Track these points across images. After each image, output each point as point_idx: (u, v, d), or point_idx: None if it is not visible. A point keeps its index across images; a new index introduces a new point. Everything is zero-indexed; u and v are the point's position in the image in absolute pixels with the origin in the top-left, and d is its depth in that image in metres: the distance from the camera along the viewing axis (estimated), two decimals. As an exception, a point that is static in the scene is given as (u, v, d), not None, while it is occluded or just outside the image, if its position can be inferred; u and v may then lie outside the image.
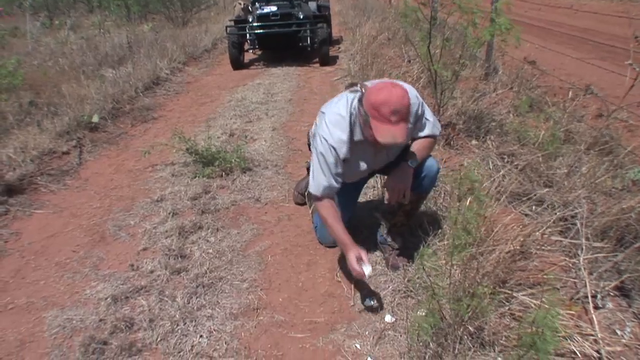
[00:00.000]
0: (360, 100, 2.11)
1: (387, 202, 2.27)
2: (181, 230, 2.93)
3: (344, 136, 2.19)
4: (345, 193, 2.63)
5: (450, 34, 4.37)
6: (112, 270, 2.62)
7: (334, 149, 2.18)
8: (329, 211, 2.28)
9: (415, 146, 2.36)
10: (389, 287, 2.40)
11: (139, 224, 3.11)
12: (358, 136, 2.21)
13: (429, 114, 2.37)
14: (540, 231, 2.37)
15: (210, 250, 2.76)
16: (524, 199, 2.99)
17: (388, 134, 1.95)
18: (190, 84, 7.16)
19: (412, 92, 2.25)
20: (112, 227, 3.09)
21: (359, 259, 2.13)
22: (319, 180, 2.25)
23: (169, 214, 3.16)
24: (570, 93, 4.70)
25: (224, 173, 3.71)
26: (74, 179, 3.87)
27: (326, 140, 2.19)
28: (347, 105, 2.21)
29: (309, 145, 2.74)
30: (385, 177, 2.99)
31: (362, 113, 2.07)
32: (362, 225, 2.90)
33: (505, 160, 3.56)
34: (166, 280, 2.49)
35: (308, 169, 3.03)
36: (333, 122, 2.21)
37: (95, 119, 4.82)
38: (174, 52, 8.06)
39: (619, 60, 7.46)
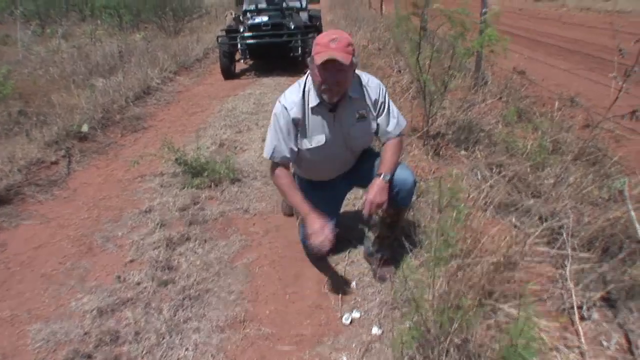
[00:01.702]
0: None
1: (364, 216, 2.29)
2: (169, 242, 2.92)
3: (297, 98, 2.36)
4: (326, 203, 2.64)
5: (440, 44, 4.39)
6: (99, 282, 2.60)
7: (286, 108, 2.35)
8: (284, 180, 2.42)
9: (386, 155, 2.41)
10: (376, 299, 2.40)
11: (126, 235, 3.09)
12: (312, 102, 2.34)
13: (393, 108, 2.47)
14: (526, 241, 2.37)
15: (198, 262, 2.75)
16: (512, 209, 3.01)
17: (326, 54, 2.12)
18: (181, 93, 7.16)
19: (376, 80, 2.45)
20: (100, 238, 3.07)
21: (321, 228, 2.27)
22: (269, 141, 2.42)
23: (157, 225, 3.14)
24: (557, 103, 4.74)
25: (212, 184, 3.70)
26: (62, 189, 3.85)
27: (279, 102, 2.39)
28: (303, 78, 2.42)
29: None
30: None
31: (309, 62, 2.28)
32: (350, 236, 2.90)
33: (494, 170, 3.58)
34: (153, 292, 2.48)
35: None
36: (289, 89, 2.43)
37: (84, 128, 4.80)
38: (165, 62, 8.06)
39: (607, 70, 7.53)
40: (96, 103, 5.46)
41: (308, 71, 2.39)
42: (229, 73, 8.05)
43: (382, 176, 2.30)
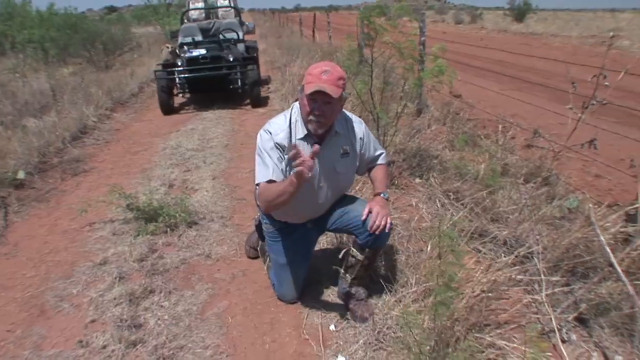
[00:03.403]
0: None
1: (370, 230, 2.29)
2: (131, 297, 2.74)
3: (284, 126, 2.31)
4: (297, 248, 2.62)
5: (386, 75, 4.48)
6: (58, 350, 2.38)
7: (270, 132, 2.29)
8: (271, 188, 2.22)
9: (378, 177, 2.52)
10: (359, 340, 2.34)
11: (82, 292, 2.87)
12: (299, 134, 2.31)
13: (378, 143, 2.59)
14: (503, 272, 2.42)
15: (166, 317, 2.59)
16: (476, 235, 3.08)
17: (316, 85, 2.12)
18: (119, 131, 6.87)
19: (357, 117, 2.51)
20: (52, 298, 2.83)
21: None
22: (263, 168, 2.28)
23: (115, 278, 2.94)
24: (500, 127, 4.96)
25: (168, 229, 3.54)
26: (1, 244, 3.54)
27: (263, 129, 2.34)
28: (290, 108, 2.40)
29: (257, 202, 2.72)
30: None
31: (299, 92, 2.26)
32: (322, 276, 2.85)
33: (451, 197, 3.67)
34: (122, 355, 2.30)
35: (257, 226, 2.95)
36: (274, 119, 2.41)
37: (20, 175, 4.48)
38: (100, 98, 7.73)
39: (533, 91, 8.06)
40: (30, 146, 5.14)
41: (294, 103, 2.39)
42: (168, 108, 7.85)
43: (382, 194, 2.41)
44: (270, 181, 2.24)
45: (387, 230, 2.31)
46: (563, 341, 2.19)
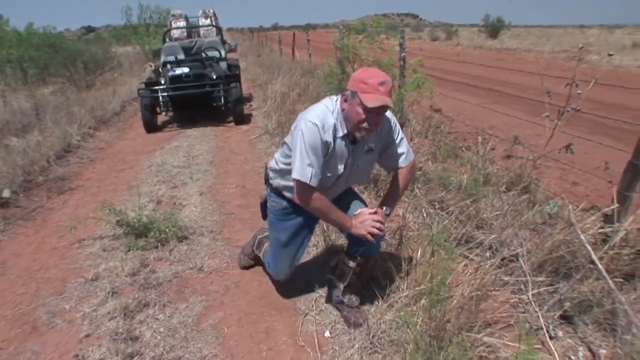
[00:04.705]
0: (342, 99, 2.24)
1: (364, 238, 2.32)
2: (126, 310, 2.75)
3: (330, 122, 2.23)
4: (301, 228, 2.64)
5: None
6: (54, 364, 2.40)
7: (317, 126, 2.19)
8: (323, 201, 2.31)
9: (391, 186, 2.52)
10: (354, 345, 2.40)
11: (75, 307, 2.88)
12: (340, 132, 2.26)
13: (404, 141, 2.50)
14: (490, 274, 2.51)
15: (162, 329, 2.62)
16: (462, 242, 3.17)
17: (377, 99, 2.09)
18: (103, 150, 6.86)
19: (389, 113, 2.39)
20: (45, 314, 2.83)
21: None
22: (304, 163, 2.21)
23: (108, 293, 2.96)
24: (480, 138, 5.11)
25: (159, 244, 3.56)
26: (-12, 263, 3.53)
27: (309, 121, 2.20)
28: (331, 102, 2.30)
29: (266, 179, 2.71)
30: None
31: (349, 97, 2.18)
32: (315, 283, 2.90)
33: (437, 207, 3.77)
34: (119, 367, 2.32)
35: (262, 204, 2.92)
36: (317, 111, 2.26)
37: (6, 193, 4.46)
38: (83, 117, 7.71)
39: (510, 104, 8.29)
40: (15, 165, 5.12)
41: (334, 98, 2.33)
42: (151, 126, 7.86)
43: (383, 208, 2.42)
44: (309, 186, 2.25)
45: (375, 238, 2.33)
46: (550, 338, 2.28)
